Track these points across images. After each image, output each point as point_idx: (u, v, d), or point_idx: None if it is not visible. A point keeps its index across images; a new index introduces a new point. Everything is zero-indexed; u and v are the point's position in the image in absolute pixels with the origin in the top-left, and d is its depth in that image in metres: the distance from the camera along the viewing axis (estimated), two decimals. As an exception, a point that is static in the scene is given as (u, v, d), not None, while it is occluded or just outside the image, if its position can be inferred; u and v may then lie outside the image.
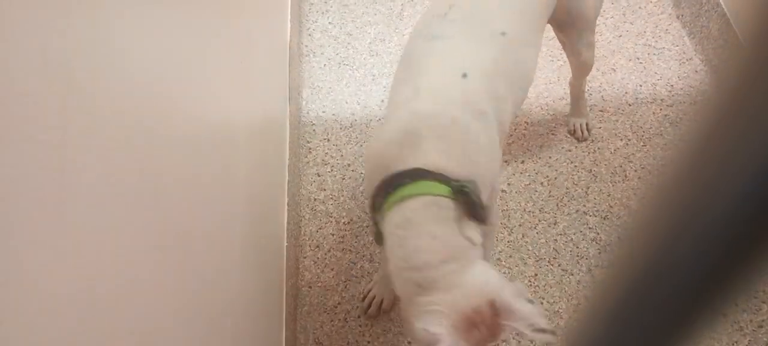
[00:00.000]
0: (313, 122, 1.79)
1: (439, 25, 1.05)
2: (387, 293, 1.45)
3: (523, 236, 1.58)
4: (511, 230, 1.59)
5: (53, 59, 0.42)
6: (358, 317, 1.47)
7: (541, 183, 1.67)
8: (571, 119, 1.74)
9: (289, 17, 1.74)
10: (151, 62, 0.62)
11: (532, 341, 1.44)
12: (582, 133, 1.73)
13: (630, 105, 1.83)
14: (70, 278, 0.45)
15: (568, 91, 1.76)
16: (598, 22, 2.02)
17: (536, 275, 1.52)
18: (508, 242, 1.57)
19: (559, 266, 1.54)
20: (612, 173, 1.70)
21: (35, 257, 0.40)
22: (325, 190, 1.66)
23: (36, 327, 0.40)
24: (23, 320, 0.39)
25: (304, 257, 1.56)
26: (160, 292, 0.63)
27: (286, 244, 1.40)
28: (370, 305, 1.45)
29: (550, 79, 1.88)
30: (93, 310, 0.48)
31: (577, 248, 1.56)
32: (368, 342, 1.43)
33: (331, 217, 1.61)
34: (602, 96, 1.85)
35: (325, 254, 1.56)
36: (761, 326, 1.45)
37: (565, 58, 1.65)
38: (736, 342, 1.43)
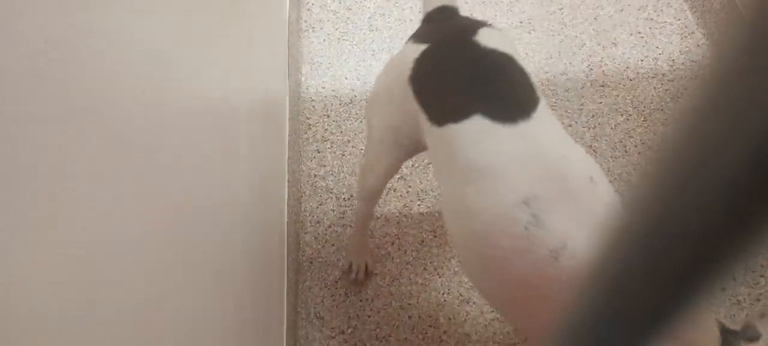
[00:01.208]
0: (313, 98, 1.78)
1: (535, 222, 0.86)
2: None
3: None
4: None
5: (55, 40, 0.42)
6: (359, 292, 1.48)
7: (541, 158, 1.67)
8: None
9: (287, -8, 1.73)
10: (151, 40, 0.62)
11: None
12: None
13: (631, 80, 1.82)
14: (70, 278, 0.45)
15: (570, 67, 1.75)
16: (599, -5, 2.00)
17: (536, 250, 1.53)
18: (508, 217, 1.57)
19: (558, 241, 1.54)
20: (612, 148, 1.70)
21: (35, 257, 0.40)
22: (325, 166, 1.66)
23: (36, 327, 0.40)
24: (23, 321, 0.39)
25: (305, 233, 1.56)
26: (161, 266, 0.63)
27: (286, 220, 1.40)
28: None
29: (550, 53, 1.87)
30: (95, 272, 0.49)
31: (577, 223, 1.56)
32: (368, 316, 1.44)
33: (332, 193, 1.62)
34: (603, 70, 1.84)
35: (326, 230, 1.57)
36: (759, 300, 1.46)
37: (566, 33, 1.64)
38: (734, 316, 1.44)
